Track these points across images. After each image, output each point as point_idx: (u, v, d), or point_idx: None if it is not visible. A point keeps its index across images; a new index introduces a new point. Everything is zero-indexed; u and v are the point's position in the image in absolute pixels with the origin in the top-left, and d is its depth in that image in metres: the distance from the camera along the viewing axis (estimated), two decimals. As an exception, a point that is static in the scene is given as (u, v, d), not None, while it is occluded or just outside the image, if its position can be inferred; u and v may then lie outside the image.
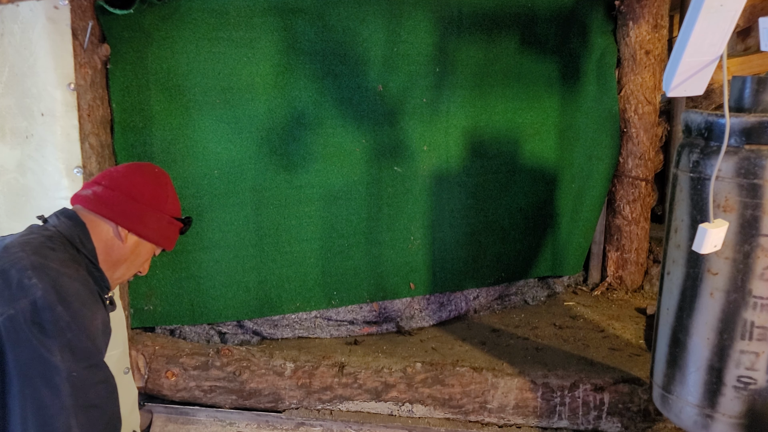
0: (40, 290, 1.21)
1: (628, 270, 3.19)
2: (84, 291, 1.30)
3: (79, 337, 1.23)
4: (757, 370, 1.62)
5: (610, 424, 2.27)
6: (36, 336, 1.18)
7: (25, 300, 1.20)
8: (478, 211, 2.90)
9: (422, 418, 2.33)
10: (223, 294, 2.56)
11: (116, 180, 1.49)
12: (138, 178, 1.52)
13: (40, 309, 1.20)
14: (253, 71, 2.42)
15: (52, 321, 1.20)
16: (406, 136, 2.69)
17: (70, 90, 2.01)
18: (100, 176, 1.52)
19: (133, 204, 1.47)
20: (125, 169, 1.53)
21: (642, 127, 3.03)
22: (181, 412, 2.32)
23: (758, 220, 1.56)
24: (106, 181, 1.49)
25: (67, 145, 2.04)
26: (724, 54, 1.49)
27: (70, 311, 1.23)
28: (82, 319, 1.26)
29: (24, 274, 1.23)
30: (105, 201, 1.45)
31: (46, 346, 1.19)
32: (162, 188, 1.55)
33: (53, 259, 1.29)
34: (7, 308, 1.19)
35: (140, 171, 1.54)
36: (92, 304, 1.31)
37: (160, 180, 1.56)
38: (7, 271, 1.23)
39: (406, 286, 2.84)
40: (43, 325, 1.19)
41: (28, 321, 1.19)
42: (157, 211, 1.52)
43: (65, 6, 1.96)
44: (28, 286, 1.21)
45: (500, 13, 2.74)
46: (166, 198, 1.55)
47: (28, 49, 1.98)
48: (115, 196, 1.46)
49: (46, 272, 1.25)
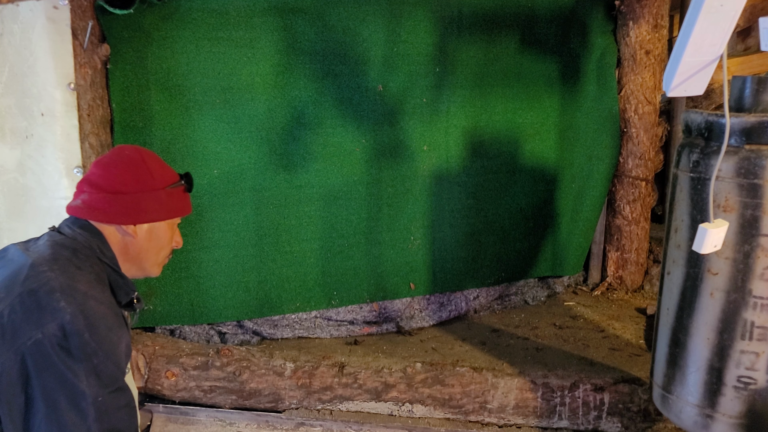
0: (68, 314, 1.20)
1: (628, 270, 3.19)
2: (110, 315, 1.29)
3: (105, 363, 1.23)
4: (757, 370, 1.62)
5: (610, 424, 2.27)
6: (63, 361, 1.18)
7: (53, 324, 1.19)
8: (478, 211, 2.90)
9: (422, 418, 2.33)
10: (223, 294, 2.56)
11: (95, 182, 1.44)
12: (113, 170, 1.45)
13: (68, 334, 1.19)
14: (253, 71, 2.42)
15: (79, 347, 1.19)
16: (406, 136, 2.69)
17: (70, 90, 2.01)
18: (81, 184, 1.47)
19: (122, 198, 1.43)
20: (97, 168, 1.47)
21: (642, 127, 3.03)
22: (181, 412, 2.32)
23: (758, 220, 1.56)
24: (87, 187, 1.45)
25: (67, 145, 2.05)
26: (724, 54, 1.49)
27: (97, 337, 1.22)
28: (109, 344, 1.25)
29: (53, 297, 1.21)
30: (96, 207, 1.42)
31: (73, 371, 1.19)
32: (141, 167, 1.47)
33: (80, 281, 1.28)
34: (35, 332, 1.18)
35: (112, 162, 1.47)
36: (117, 328, 1.31)
37: (135, 160, 1.48)
38: (36, 292, 1.22)
39: (406, 286, 2.84)
40: (70, 350, 1.19)
41: (56, 346, 1.18)
42: (149, 192, 1.46)
43: (65, 6, 1.96)
44: (56, 310, 1.20)
45: (500, 13, 2.74)
46: (150, 174, 1.47)
47: (28, 49, 1.99)
48: (102, 198, 1.42)
49: (74, 296, 1.23)
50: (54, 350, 1.18)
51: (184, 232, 2.44)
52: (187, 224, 2.45)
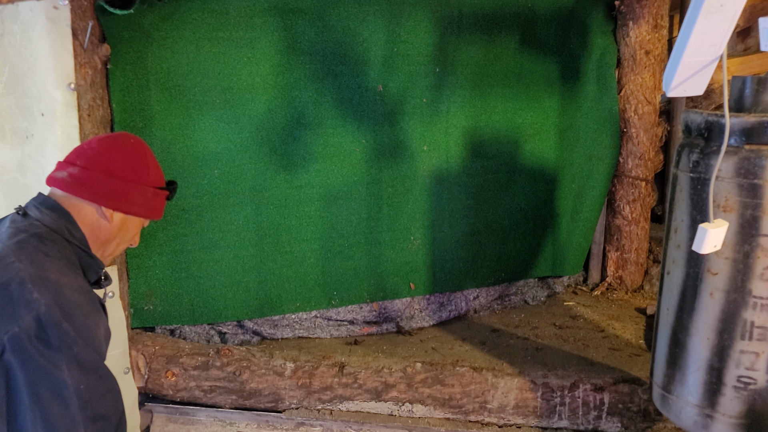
0: (43, 306, 1.19)
1: (628, 270, 3.19)
2: (85, 301, 1.28)
3: (85, 351, 1.22)
4: (757, 370, 1.62)
5: (610, 424, 2.27)
6: (42, 352, 1.17)
7: (28, 317, 1.18)
8: (478, 211, 2.90)
9: (422, 418, 2.33)
10: (224, 294, 2.56)
11: (92, 159, 1.40)
12: (115, 153, 1.42)
13: (45, 326, 1.18)
14: (253, 71, 2.42)
15: (58, 337, 1.19)
16: (406, 136, 2.69)
17: (70, 90, 2.01)
18: (74, 155, 1.42)
19: (114, 182, 1.40)
20: (99, 145, 1.43)
21: (642, 127, 3.03)
22: (181, 412, 2.32)
23: (758, 220, 1.56)
24: (82, 160, 1.40)
25: (67, 145, 2.04)
26: (724, 54, 1.49)
27: (75, 326, 1.22)
28: (87, 331, 1.24)
29: (25, 289, 1.20)
30: (84, 183, 1.38)
31: (53, 361, 1.18)
32: (142, 160, 1.46)
33: (51, 269, 1.26)
34: (11, 326, 1.17)
35: (116, 145, 1.44)
36: (94, 314, 1.30)
37: (138, 151, 1.46)
38: (7, 285, 1.20)
39: (406, 286, 2.84)
40: (49, 341, 1.18)
41: (33, 338, 1.17)
42: (140, 185, 1.44)
43: (65, 6, 1.96)
44: (29, 302, 1.19)
45: (500, 13, 2.74)
46: (147, 169, 1.46)
47: (28, 49, 1.98)
48: (94, 176, 1.39)
49: (46, 286, 1.22)
50: (31, 343, 1.16)
51: (184, 233, 2.45)
52: (187, 224, 2.45)
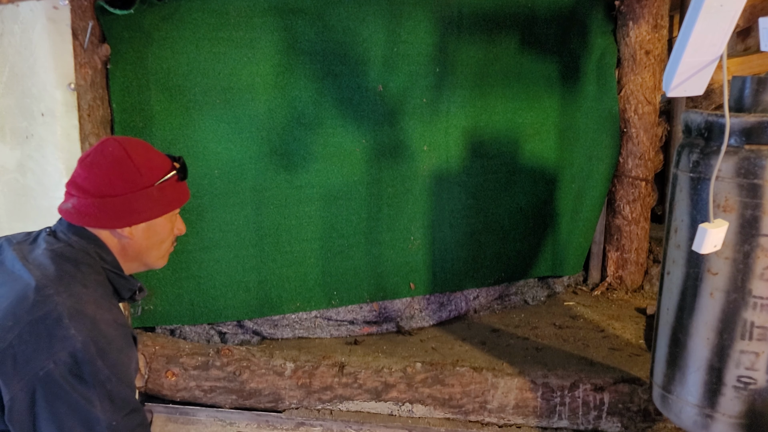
0: (79, 343, 1.18)
1: (628, 270, 3.19)
2: (119, 336, 1.27)
3: (118, 387, 1.22)
4: (757, 370, 1.62)
5: (610, 424, 2.27)
6: (76, 388, 1.17)
7: (64, 353, 1.17)
8: (478, 211, 2.90)
9: (422, 418, 2.33)
10: (224, 294, 2.56)
11: (81, 186, 1.34)
12: (97, 171, 1.34)
13: (80, 362, 1.17)
14: (253, 71, 2.42)
15: (92, 374, 1.18)
16: (406, 136, 2.69)
17: (70, 90, 2.01)
18: (69, 185, 1.37)
19: (111, 202, 1.34)
20: (82, 170, 1.36)
21: (642, 127, 3.03)
22: (182, 412, 2.32)
23: (758, 220, 1.56)
24: (75, 191, 1.36)
25: (67, 145, 2.05)
26: (724, 54, 1.49)
27: (109, 363, 1.21)
28: (121, 367, 1.24)
29: (62, 325, 1.19)
30: (86, 213, 1.34)
31: (87, 397, 1.18)
32: (127, 166, 1.34)
33: (88, 302, 1.25)
34: (47, 362, 1.16)
35: (95, 163, 1.35)
36: (127, 348, 1.29)
37: (119, 159, 1.34)
38: (45, 320, 1.19)
39: (406, 286, 2.84)
40: (83, 377, 1.18)
41: (68, 374, 1.17)
42: (138, 191, 1.35)
43: (65, 6, 1.96)
44: (66, 338, 1.18)
45: (500, 13, 2.74)
46: (139, 172, 1.35)
47: (28, 49, 1.99)
48: (90, 203, 1.34)
49: (83, 321, 1.21)
50: (65, 379, 1.16)
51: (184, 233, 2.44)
52: (187, 224, 2.40)
